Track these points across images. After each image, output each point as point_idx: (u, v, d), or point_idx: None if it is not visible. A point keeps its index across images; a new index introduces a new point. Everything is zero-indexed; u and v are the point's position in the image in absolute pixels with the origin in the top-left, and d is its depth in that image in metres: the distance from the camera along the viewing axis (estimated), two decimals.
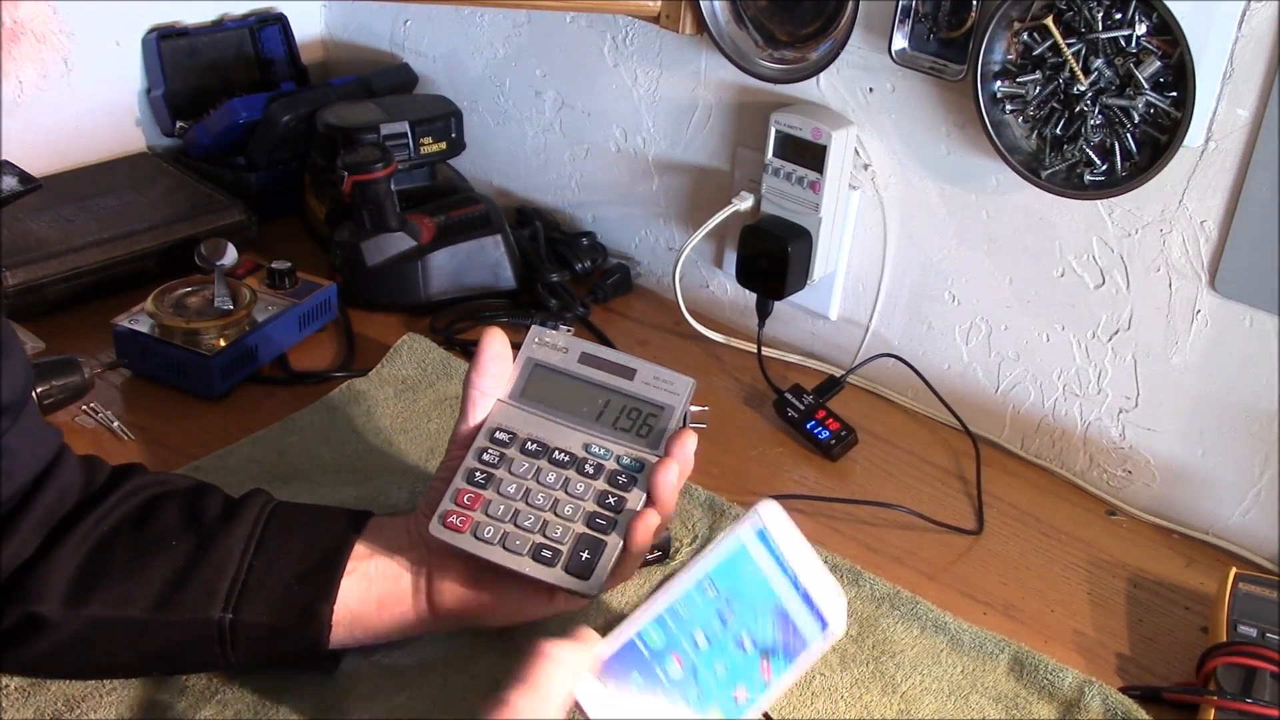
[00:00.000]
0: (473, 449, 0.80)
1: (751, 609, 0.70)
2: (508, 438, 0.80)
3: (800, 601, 0.72)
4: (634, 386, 0.80)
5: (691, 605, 0.68)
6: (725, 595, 0.69)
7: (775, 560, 0.73)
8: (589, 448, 0.79)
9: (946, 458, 1.11)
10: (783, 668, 0.69)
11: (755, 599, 0.70)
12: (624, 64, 1.29)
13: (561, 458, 0.79)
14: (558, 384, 0.81)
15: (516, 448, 0.79)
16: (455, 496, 0.78)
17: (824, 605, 0.73)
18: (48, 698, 0.77)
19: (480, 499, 0.78)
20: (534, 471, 0.78)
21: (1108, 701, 0.84)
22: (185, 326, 1.08)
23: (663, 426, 0.79)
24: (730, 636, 0.68)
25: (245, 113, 1.37)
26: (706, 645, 0.67)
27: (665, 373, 0.80)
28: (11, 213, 1.14)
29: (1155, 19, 0.92)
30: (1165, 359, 1.03)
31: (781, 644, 0.70)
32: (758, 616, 0.70)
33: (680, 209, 1.30)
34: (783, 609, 0.71)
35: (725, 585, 0.69)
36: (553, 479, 0.78)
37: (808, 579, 0.73)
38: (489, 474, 0.79)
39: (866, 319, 1.19)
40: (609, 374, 0.81)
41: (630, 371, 0.81)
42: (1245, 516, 1.02)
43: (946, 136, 1.08)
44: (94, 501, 0.77)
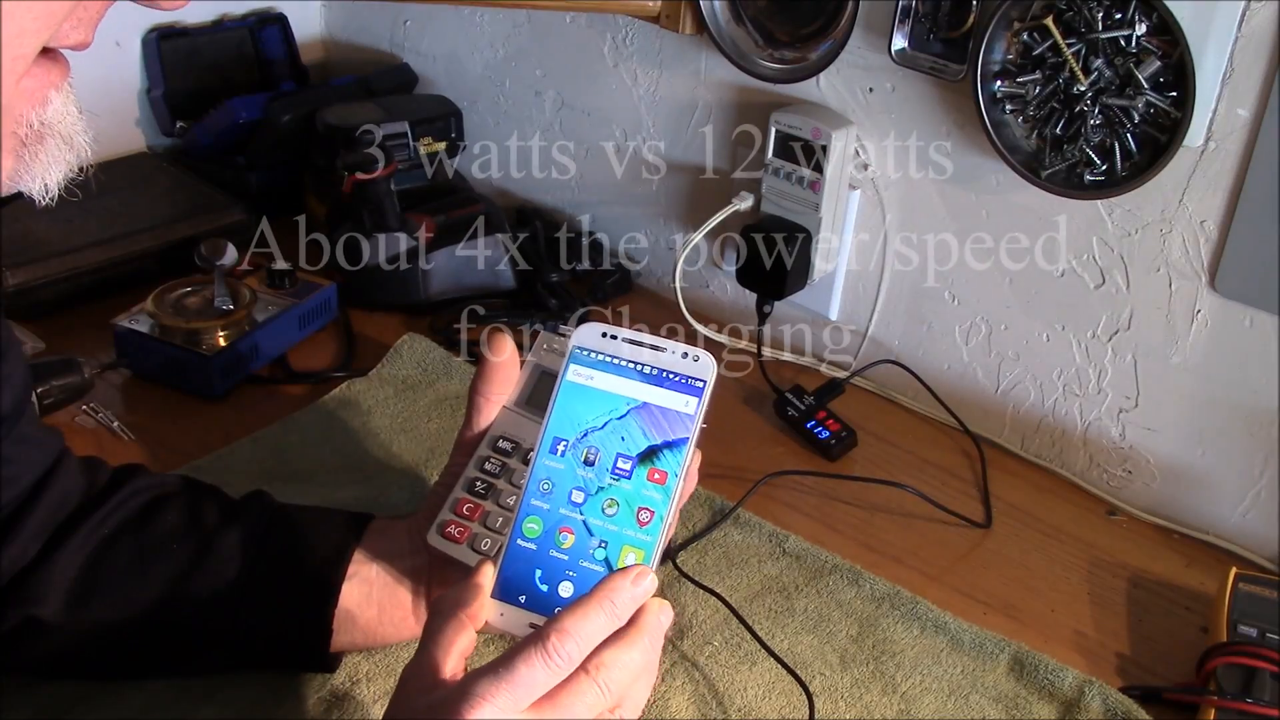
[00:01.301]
0: (475, 458, 0.79)
1: (609, 431, 0.66)
2: (510, 447, 0.79)
3: (656, 386, 0.66)
4: None
5: (552, 474, 0.65)
6: (576, 439, 0.66)
7: (607, 369, 0.67)
8: None
9: (947, 457, 1.11)
10: (674, 459, 0.65)
11: (607, 418, 0.66)
12: (624, 64, 1.29)
13: None
14: None
15: (519, 458, 0.79)
16: (455, 506, 0.78)
17: (687, 370, 0.66)
18: (48, 698, 0.77)
19: (479, 510, 0.77)
20: None
21: (1108, 701, 0.84)
22: (185, 326, 1.08)
23: None
24: (604, 472, 0.65)
25: (245, 113, 1.37)
26: (585, 498, 0.64)
27: None
28: (11, 213, 1.14)
29: (1155, 19, 0.92)
30: (1165, 359, 1.03)
31: (659, 439, 0.65)
32: (619, 432, 0.66)
33: (680, 209, 1.30)
34: (640, 405, 0.66)
35: (571, 430, 0.66)
36: None
37: (655, 360, 0.67)
38: (489, 484, 0.78)
39: (866, 319, 1.19)
40: None
41: None
42: (1245, 516, 1.02)
43: (946, 136, 1.08)
44: (95, 504, 0.77)
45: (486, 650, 0.83)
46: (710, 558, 0.95)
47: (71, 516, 0.76)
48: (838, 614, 0.90)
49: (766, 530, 0.98)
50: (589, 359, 0.67)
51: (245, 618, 0.75)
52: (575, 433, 0.66)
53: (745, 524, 0.98)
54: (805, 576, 0.94)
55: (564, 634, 0.57)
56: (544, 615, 0.62)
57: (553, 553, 0.63)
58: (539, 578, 0.63)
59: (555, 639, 0.57)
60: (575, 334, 0.68)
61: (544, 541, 0.64)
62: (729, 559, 0.95)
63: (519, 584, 0.63)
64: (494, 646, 0.84)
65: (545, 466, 0.65)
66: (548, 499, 0.65)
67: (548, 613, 0.62)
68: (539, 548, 0.64)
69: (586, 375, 0.67)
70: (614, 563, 0.63)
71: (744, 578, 0.93)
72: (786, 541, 0.97)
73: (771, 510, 1.01)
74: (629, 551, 0.64)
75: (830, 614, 0.90)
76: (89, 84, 1.41)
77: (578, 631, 0.57)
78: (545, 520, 0.64)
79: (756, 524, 0.98)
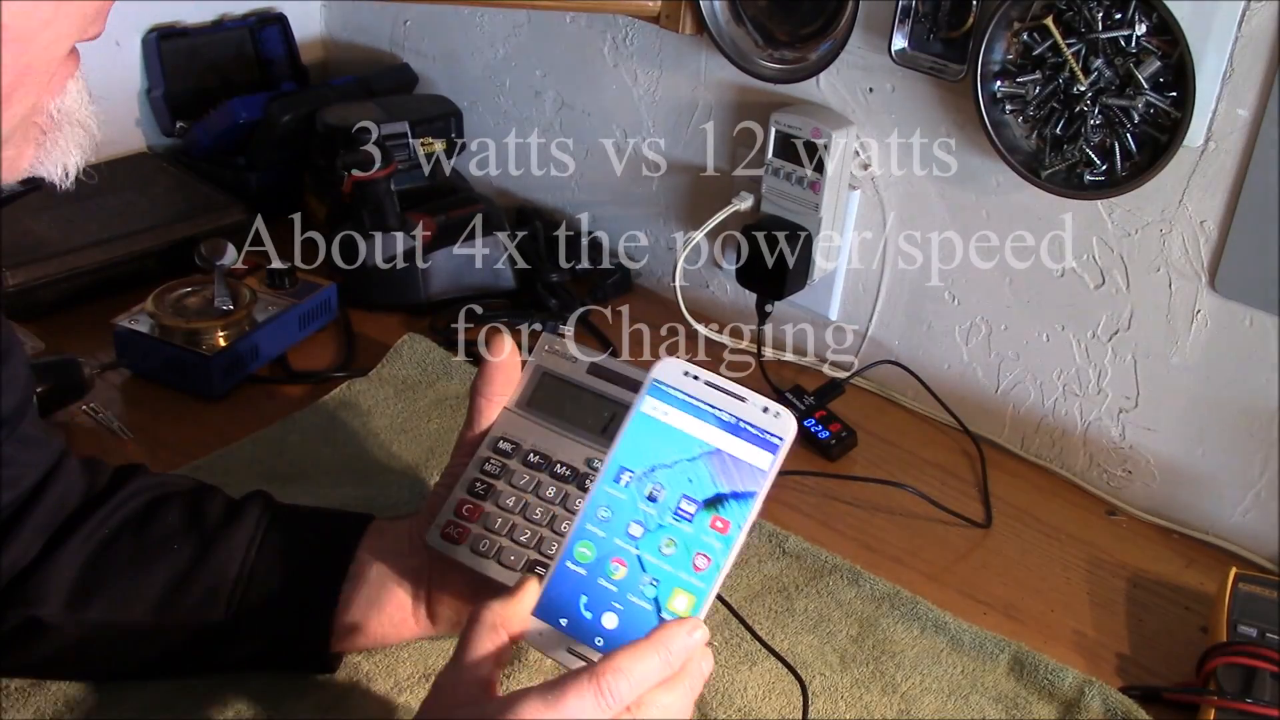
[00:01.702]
0: (475, 458, 0.79)
1: (678, 471, 0.64)
2: (511, 448, 0.79)
3: (732, 435, 0.65)
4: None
5: (612, 502, 0.64)
6: (643, 473, 0.64)
7: (685, 408, 0.65)
8: (591, 463, 0.78)
9: (947, 457, 1.11)
10: (741, 510, 0.63)
11: (677, 457, 0.64)
12: (624, 64, 1.29)
13: (563, 471, 0.78)
14: (565, 394, 0.81)
15: (519, 459, 0.78)
16: (455, 507, 0.77)
17: (765, 425, 0.64)
18: (48, 698, 0.77)
19: (479, 511, 0.77)
20: (534, 485, 0.78)
21: (1108, 701, 0.84)
22: (185, 326, 1.08)
23: None
24: (666, 510, 0.63)
25: (245, 113, 1.37)
26: (643, 532, 0.63)
27: None
28: (11, 213, 1.14)
29: (1155, 19, 0.92)
30: (1165, 359, 1.03)
31: (729, 490, 0.63)
32: (687, 474, 0.64)
33: (680, 209, 1.30)
34: (714, 451, 0.64)
35: (639, 463, 0.64)
36: (552, 493, 0.77)
37: (734, 409, 0.65)
38: (489, 485, 0.78)
39: (866, 319, 1.19)
40: (617, 387, 0.80)
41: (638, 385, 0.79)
42: (1245, 516, 1.02)
43: (946, 137, 1.08)
44: (95, 504, 0.77)
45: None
46: None
47: (72, 517, 0.76)
48: (838, 614, 0.90)
49: (766, 530, 0.98)
50: (667, 395, 0.66)
51: (245, 618, 0.75)
52: (642, 466, 0.64)
53: None
54: (805, 576, 0.94)
55: (618, 673, 0.57)
56: (583, 642, 0.62)
57: (601, 581, 0.62)
58: (584, 604, 0.62)
59: (610, 677, 0.57)
60: (656, 367, 0.66)
61: (594, 569, 0.63)
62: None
63: (562, 606, 0.62)
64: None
65: (606, 493, 0.64)
66: (604, 526, 0.63)
67: (587, 640, 0.62)
68: (588, 574, 0.63)
69: (662, 411, 0.65)
70: (663, 603, 0.62)
71: (744, 578, 0.93)
72: (786, 541, 0.97)
73: (771, 510, 1.01)
74: (680, 594, 0.62)
75: (830, 614, 0.90)
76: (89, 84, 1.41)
77: (631, 672, 0.57)
78: (599, 547, 0.63)
79: (756, 524, 0.97)
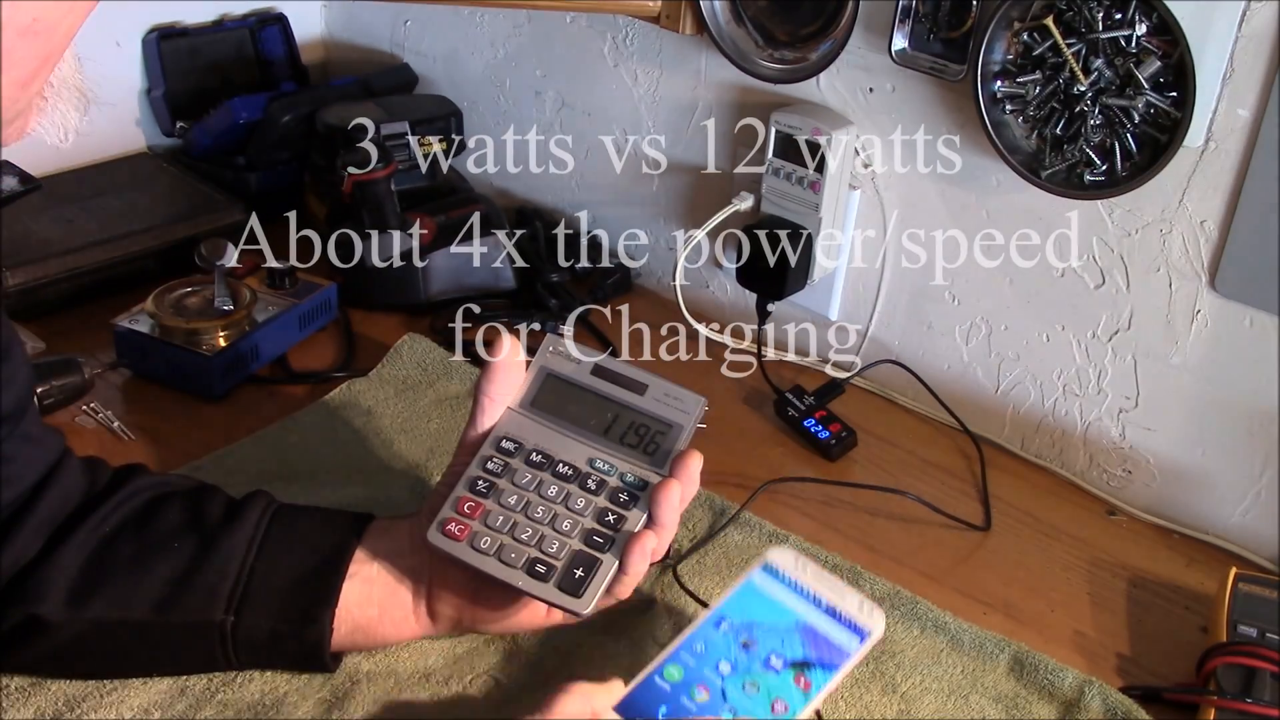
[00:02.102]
0: (478, 457, 0.79)
1: (773, 632, 0.73)
2: (514, 447, 0.79)
3: (826, 618, 0.74)
4: (644, 402, 0.80)
5: (708, 641, 0.71)
6: (742, 626, 0.73)
7: (789, 588, 0.76)
8: (593, 462, 0.78)
9: (946, 458, 1.11)
10: (823, 678, 0.70)
11: (775, 623, 0.73)
12: (624, 64, 1.29)
13: (565, 471, 0.78)
14: (569, 395, 0.81)
15: (521, 458, 0.79)
16: (456, 504, 0.77)
17: (856, 617, 0.74)
18: (48, 698, 0.77)
19: (480, 508, 0.77)
20: (536, 483, 0.78)
21: (1108, 701, 0.84)
22: (185, 326, 1.08)
23: (670, 445, 0.79)
24: (757, 659, 0.71)
25: (245, 113, 1.37)
26: (731, 670, 0.70)
27: (676, 390, 0.80)
28: (11, 213, 1.14)
29: (1155, 19, 0.92)
30: (1165, 359, 1.03)
31: (815, 658, 0.71)
32: (782, 637, 0.73)
33: (680, 209, 1.30)
34: (807, 626, 0.74)
35: (740, 617, 0.73)
36: (554, 492, 0.78)
37: (832, 598, 0.75)
38: (491, 483, 0.78)
39: (866, 319, 1.19)
40: (620, 388, 0.80)
41: (642, 387, 0.80)
42: (1245, 516, 1.02)
43: (946, 136, 1.08)
44: (96, 503, 0.77)
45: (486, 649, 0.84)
46: (710, 558, 0.95)
47: (72, 515, 0.76)
48: None
49: (766, 531, 0.98)
50: (776, 574, 0.76)
51: (245, 617, 0.75)
52: (741, 619, 0.73)
53: (745, 524, 0.98)
54: None
55: None
56: None
57: (684, 699, 0.68)
58: (662, 712, 0.68)
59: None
60: (771, 552, 0.76)
61: (679, 688, 0.69)
62: (729, 559, 0.95)
63: (642, 709, 0.68)
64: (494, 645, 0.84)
65: (704, 633, 0.72)
66: (696, 658, 0.70)
67: None
68: (672, 690, 0.69)
69: (770, 586, 0.75)
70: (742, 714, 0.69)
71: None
72: (786, 542, 0.97)
73: (771, 511, 1.01)
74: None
75: None
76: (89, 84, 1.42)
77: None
78: (687, 673, 0.70)
79: (757, 524, 0.98)
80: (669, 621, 0.88)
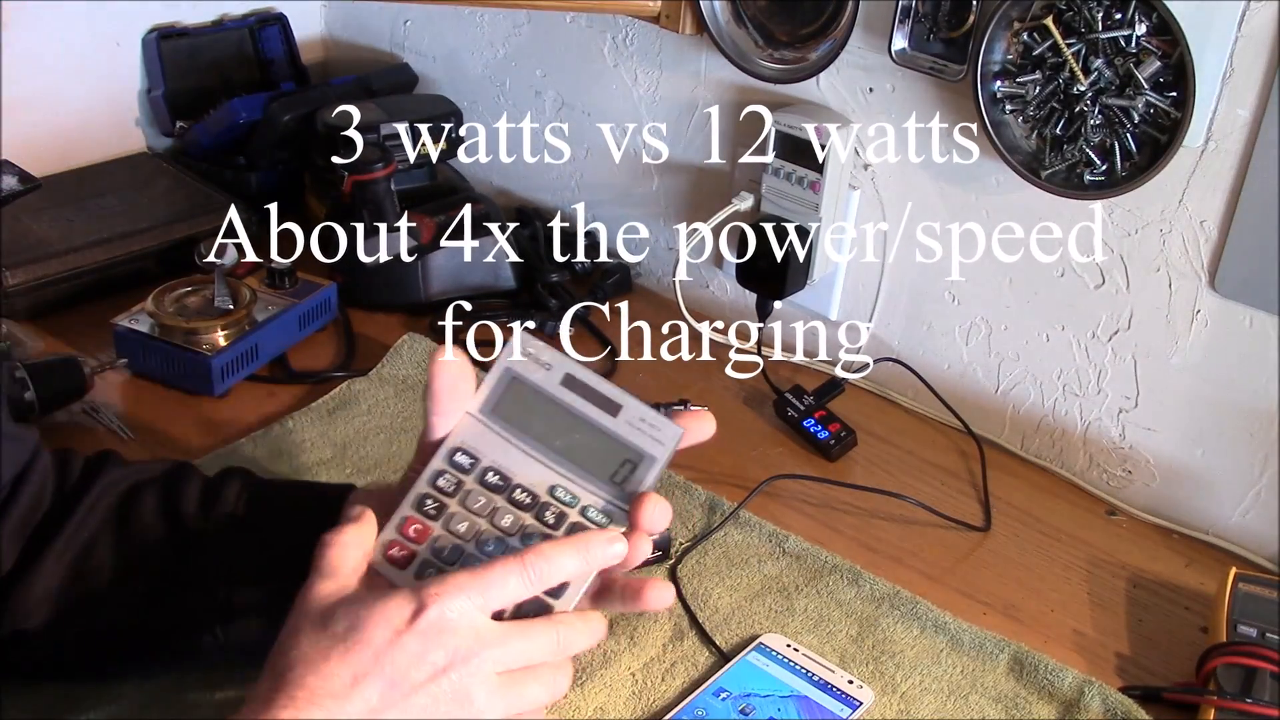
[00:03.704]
0: (429, 470, 0.70)
1: (769, 701, 0.81)
2: (469, 462, 0.70)
3: (820, 691, 0.82)
4: (616, 425, 0.70)
5: (708, 707, 0.80)
6: (739, 695, 0.81)
7: (782, 665, 0.84)
8: (554, 490, 0.69)
9: (946, 457, 1.11)
10: None
11: (771, 692, 0.82)
12: (624, 64, 1.29)
13: (523, 498, 0.69)
14: (534, 405, 0.71)
15: (476, 477, 0.70)
16: (402, 526, 0.68)
17: (848, 690, 0.83)
18: (48, 698, 0.77)
19: (428, 532, 0.69)
20: (490, 510, 0.69)
21: (1108, 701, 0.84)
22: (185, 326, 1.08)
23: (640, 477, 0.69)
24: None
25: (245, 113, 1.37)
26: None
27: (653, 415, 0.70)
28: (11, 213, 1.14)
29: (1155, 19, 0.92)
30: (1165, 359, 1.03)
31: None
32: (778, 705, 0.81)
33: (680, 209, 1.30)
34: (802, 697, 0.82)
35: (737, 688, 0.82)
36: (509, 523, 0.69)
37: (824, 675, 0.84)
38: (441, 504, 0.69)
39: (866, 319, 1.19)
40: (592, 404, 0.70)
41: (615, 406, 0.70)
42: (1245, 516, 1.02)
43: (946, 137, 1.08)
44: (71, 503, 0.75)
45: None
46: (710, 558, 0.95)
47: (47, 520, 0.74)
48: (838, 614, 0.90)
49: (766, 530, 0.98)
50: (769, 654, 0.85)
51: (235, 602, 0.75)
52: (740, 690, 0.82)
53: (745, 524, 0.98)
54: (805, 576, 0.94)
55: (540, 554, 0.64)
56: None
57: None
58: None
59: (532, 555, 0.64)
60: (764, 637, 0.87)
61: None
62: (729, 559, 0.95)
63: None
64: None
65: (705, 701, 0.81)
66: None
67: None
68: None
69: (765, 663, 0.84)
70: None
71: (744, 578, 0.93)
72: (786, 541, 0.97)
73: (771, 510, 1.01)
74: None
75: (830, 614, 0.90)
76: (89, 84, 1.42)
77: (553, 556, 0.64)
78: None
79: (756, 524, 0.98)
80: (669, 621, 0.88)
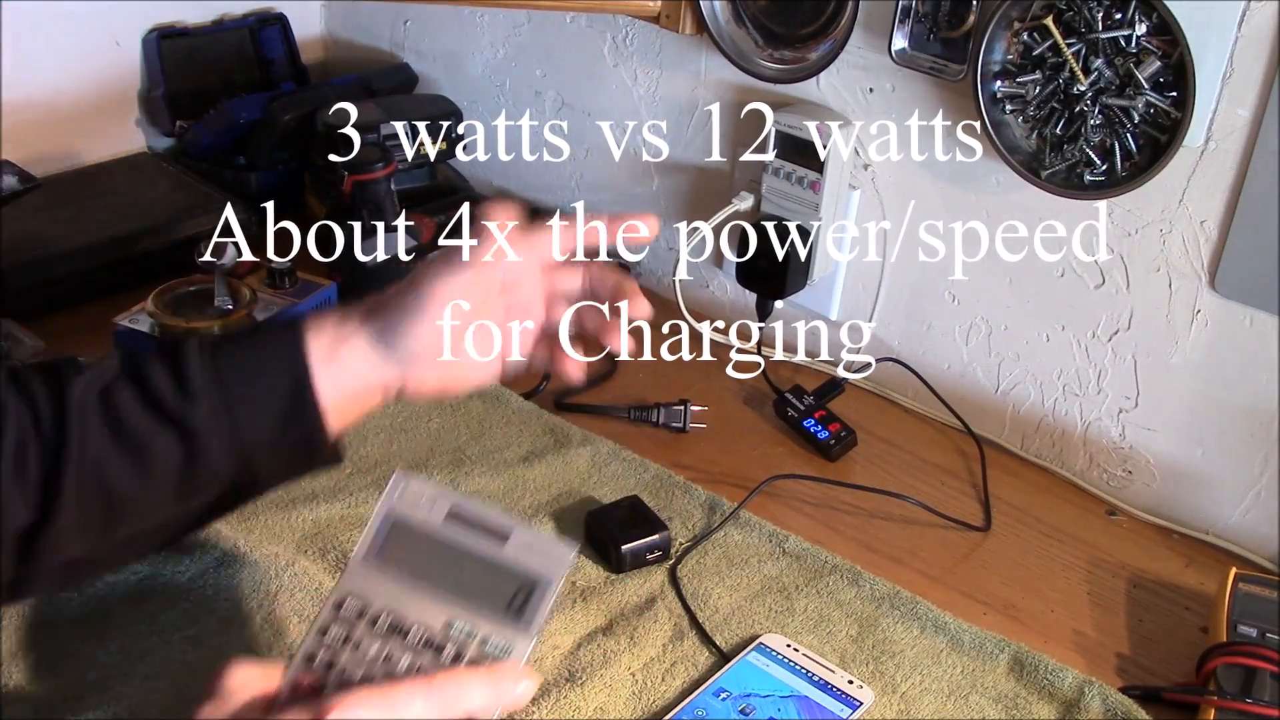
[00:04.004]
0: (315, 625, 0.67)
1: (769, 701, 0.82)
2: (357, 611, 0.67)
3: (820, 691, 0.83)
4: (506, 553, 0.68)
5: (708, 707, 0.81)
6: (739, 695, 0.82)
7: (782, 665, 0.85)
8: (451, 626, 0.67)
9: (946, 457, 1.11)
10: None
11: (771, 692, 0.83)
12: (624, 64, 1.29)
13: (418, 638, 0.67)
14: (419, 546, 0.69)
15: (366, 624, 0.67)
16: (293, 685, 0.64)
17: (848, 690, 0.83)
18: (48, 698, 0.78)
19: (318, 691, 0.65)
20: (384, 656, 0.66)
21: (1108, 701, 0.84)
22: (185, 326, 1.08)
23: (535, 604, 0.67)
24: None
25: (245, 113, 1.37)
26: None
27: (543, 539, 0.69)
28: (11, 212, 1.14)
29: (1155, 19, 0.92)
30: (1165, 359, 1.03)
31: None
32: (778, 705, 0.82)
33: (680, 209, 1.30)
34: (802, 697, 0.82)
35: (737, 688, 0.83)
36: (406, 665, 0.66)
37: (824, 675, 0.84)
38: (331, 661, 0.66)
39: (867, 319, 1.19)
40: (479, 536, 0.69)
41: (503, 536, 0.69)
42: (1245, 516, 1.02)
43: (946, 136, 1.08)
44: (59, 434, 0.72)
45: None
46: (710, 558, 0.95)
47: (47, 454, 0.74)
48: (838, 614, 0.90)
49: (766, 530, 0.98)
50: (769, 654, 0.86)
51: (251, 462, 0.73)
52: (740, 690, 0.83)
53: (745, 524, 0.98)
54: (805, 576, 0.94)
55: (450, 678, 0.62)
56: None
57: None
58: None
59: (441, 678, 0.62)
60: (764, 637, 0.87)
61: None
62: (729, 559, 0.95)
63: None
64: None
65: (705, 701, 0.82)
66: None
67: None
68: None
69: (765, 664, 0.85)
70: None
71: (744, 578, 0.93)
72: (786, 542, 0.97)
73: (771, 510, 1.01)
74: None
75: (830, 614, 0.90)
76: (89, 84, 1.42)
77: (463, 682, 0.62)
78: None
79: (756, 524, 0.98)
80: (669, 621, 0.88)
